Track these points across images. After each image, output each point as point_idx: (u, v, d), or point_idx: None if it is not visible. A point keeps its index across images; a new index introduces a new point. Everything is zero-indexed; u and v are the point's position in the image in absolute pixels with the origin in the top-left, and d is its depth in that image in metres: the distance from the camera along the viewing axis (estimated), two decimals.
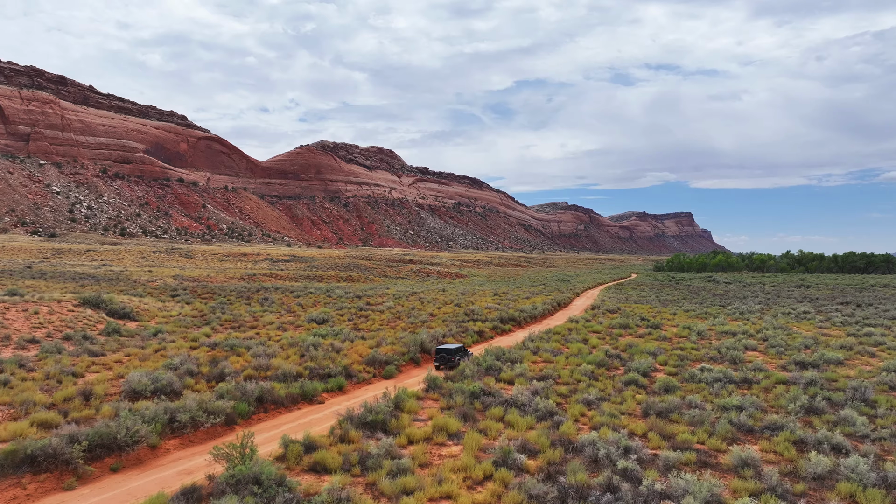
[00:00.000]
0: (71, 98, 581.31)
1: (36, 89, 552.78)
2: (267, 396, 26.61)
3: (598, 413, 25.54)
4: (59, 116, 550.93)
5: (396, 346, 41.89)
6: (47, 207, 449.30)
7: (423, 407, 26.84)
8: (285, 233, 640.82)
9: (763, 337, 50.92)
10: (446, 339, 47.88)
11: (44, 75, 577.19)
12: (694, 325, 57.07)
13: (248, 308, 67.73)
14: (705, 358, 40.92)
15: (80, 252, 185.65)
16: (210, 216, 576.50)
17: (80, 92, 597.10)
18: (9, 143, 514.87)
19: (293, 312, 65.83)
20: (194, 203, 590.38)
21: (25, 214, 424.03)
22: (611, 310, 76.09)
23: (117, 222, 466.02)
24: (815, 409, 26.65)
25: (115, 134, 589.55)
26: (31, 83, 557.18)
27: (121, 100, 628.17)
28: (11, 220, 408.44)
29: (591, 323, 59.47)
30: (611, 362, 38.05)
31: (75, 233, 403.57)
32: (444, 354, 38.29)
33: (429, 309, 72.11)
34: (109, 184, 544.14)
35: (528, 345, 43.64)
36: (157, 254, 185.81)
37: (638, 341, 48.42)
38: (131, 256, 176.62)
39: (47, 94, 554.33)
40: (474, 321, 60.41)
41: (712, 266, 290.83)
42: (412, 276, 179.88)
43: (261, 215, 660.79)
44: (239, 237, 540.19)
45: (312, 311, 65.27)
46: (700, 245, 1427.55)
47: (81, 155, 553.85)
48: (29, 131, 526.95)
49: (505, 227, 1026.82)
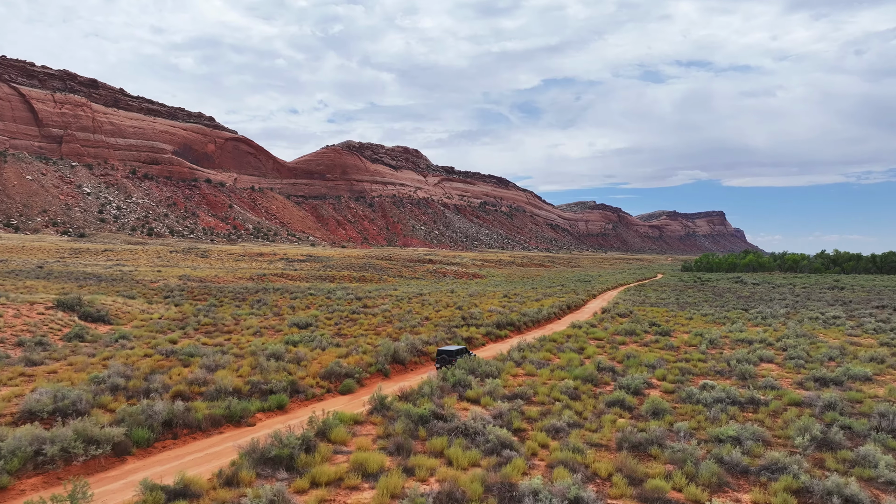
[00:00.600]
0: (102, 101, 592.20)
1: (69, 92, 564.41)
2: (179, 419, 23.01)
3: (562, 445, 21.32)
4: (91, 119, 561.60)
5: (366, 356, 38.09)
6: (78, 208, 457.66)
7: (359, 434, 22.96)
8: (310, 233, 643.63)
9: (783, 346, 45.81)
10: (428, 347, 43.95)
11: (76, 79, 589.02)
12: (707, 332, 52.10)
13: (236, 310, 64.67)
14: (711, 372, 36.20)
15: (98, 252, 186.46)
16: (236, 216, 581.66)
17: (111, 95, 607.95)
18: (42, 146, 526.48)
19: (281, 316, 62.58)
20: (221, 203, 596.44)
21: (57, 215, 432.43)
22: (622, 313, 71.21)
23: (145, 222, 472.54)
24: (830, 442, 22.02)
25: (144, 135, 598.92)
26: (64, 86, 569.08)
27: (150, 102, 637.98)
28: (43, 221, 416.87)
29: (594, 329, 54.90)
30: (600, 377, 33.65)
31: (104, 233, 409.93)
32: (445, 356, 37.63)
33: (426, 312, 68.23)
34: (138, 184, 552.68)
35: (513, 355, 39.43)
36: (174, 253, 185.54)
37: (641, 350, 43.82)
38: (147, 256, 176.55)
39: (79, 97, 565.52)
40: (468, 326, 56.32)
41: (742, 266, 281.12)
42: (428, 277, 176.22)
43: (286, 215, 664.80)
44: (264, 237, 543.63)
45: (302, 315, 61.96)
46: (732, 245, 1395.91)
47: (112, 156, 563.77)
48: (62, 134, 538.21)
49: (531, 226, 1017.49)
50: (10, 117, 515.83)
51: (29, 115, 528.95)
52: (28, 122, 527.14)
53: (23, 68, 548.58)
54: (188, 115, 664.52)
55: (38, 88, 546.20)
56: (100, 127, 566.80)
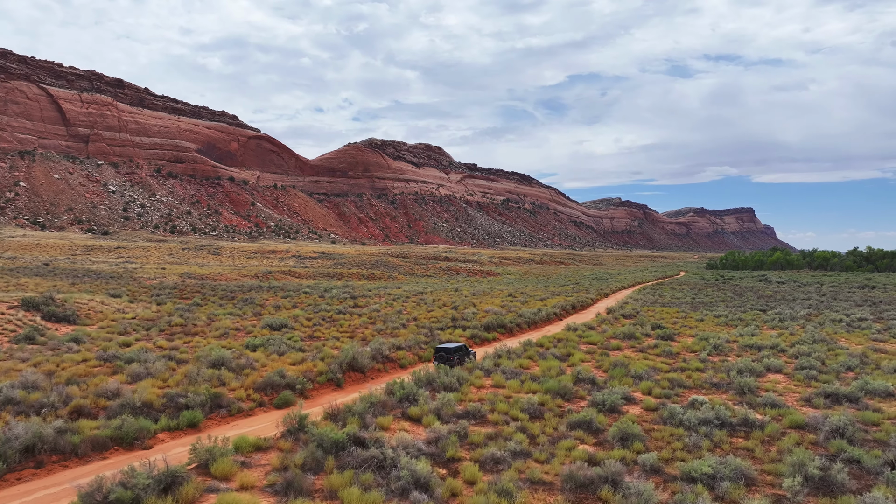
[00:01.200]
0: (128, 100, 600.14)
1: (95, 92, 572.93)
2: (47, 444, 19.57)
3: (491, 484, 17.35)
4: (117, 118, 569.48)
5: (320, 364, 34.45)
6: (103, 206, 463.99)
7: (255, 465, 19.25)
8: (332, 230, 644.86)
9: (795, 353, 41.00)
10: (397, 353, 40.15)
11: (102, 79, 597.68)
12: (713, 336, 47.40)
13: (217, 310, 61.67)
14: (706, 384, 31.77)
15: (111, 249, 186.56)
16: (259, 214, 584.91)
17: (136, 94, 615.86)
18: (70, 145, 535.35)
19: (260, 316, 59.39)
20: (244, 201, 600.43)
21: (82, 213, 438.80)
22: (627, 314, 66.58)
23: (168, 220, 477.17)
24: (830, 483, 17.67)
25: (168, 134, 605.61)
26: (90, 86, 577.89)
27: (174, 101, 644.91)
28: (69, 219, 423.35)
29: (591, 332, 50.53)
30: (575, 390, 29.48)
31: (127, 230, 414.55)
32: (443, 353, 37.07)
33: (417, 312, 64.52)
34: (162, 183, 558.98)
35: (485, 363, 35.43)
36: (187, 251, 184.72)
37: (634, 357, 39.50)
38: (159, 254, 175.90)
39: (106, 97, 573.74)
40: (455, 328, 52.43)
41: (769, 264, 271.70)
42: (440, 275, 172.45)
43: (308, 213, 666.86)
44: (286, 234, 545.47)
45: (283, 315, 58.75)
46: (762, 242, 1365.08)
47: (137, 155, 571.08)
48: (88, 133, 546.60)
49: (555, 223, 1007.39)
50: (39, 117, 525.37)
51: (57, 115, 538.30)
52: (56, 121, 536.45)
53: (51, 69, 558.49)
54: (212, 114, 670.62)
55: (65, 89, 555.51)
56: (125, 126, 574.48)
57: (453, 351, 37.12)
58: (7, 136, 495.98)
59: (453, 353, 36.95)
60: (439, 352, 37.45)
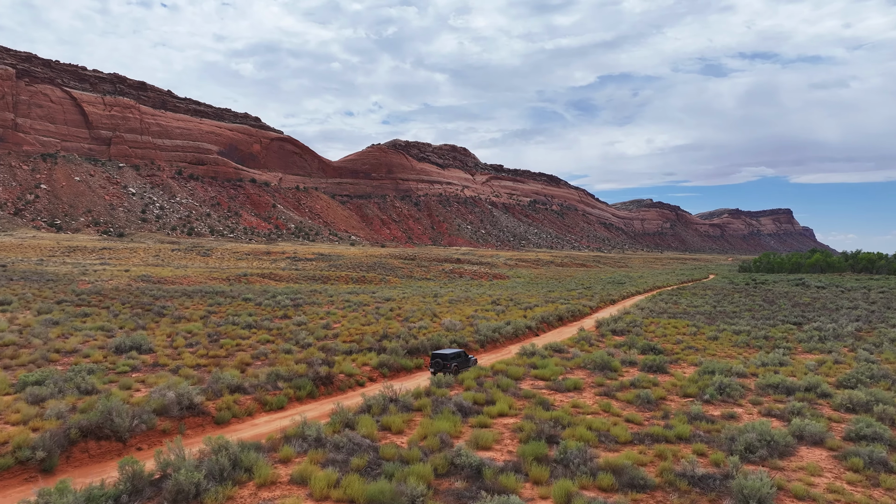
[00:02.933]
0: (150, 103, 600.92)
1: (118, 95, 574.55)
2: None
3: None
4: (139, 120, 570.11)
5: (23, 436, 21.30)
6: (122, 208, 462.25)
7: None
8: (354, 232, 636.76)
9: (846, 402, 26.51)
10: (216, 403, 26.85)
11: (125, 81, 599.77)
12: (722, 368, 33.01)
13: (94, 324, 49.22)
14: (680, 481, 17.68)
15: (94, 250, 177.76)
16: (279, 216, 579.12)
17: (158, 96, 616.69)
18: (92, 147, 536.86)
19: (145, 329, 46.76)
20: (265, 203, 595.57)
21: (100, 215, 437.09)
22: (619, 330, 52.26)
23: (186, 222, 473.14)
24: None
25: (190, 136, 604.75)
26: (114, 89, 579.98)
27: (197, 103, 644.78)
28: (86, 221, 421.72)
29: (550, 359, 36.54)
30: (427, 495, 15.82)
31: (143, 232, 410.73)
32: (440, 360, 34.93)
33: (351, 325, 51.28)
34: (183, 185, 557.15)
35: (334, 418, 21.91)
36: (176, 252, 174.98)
37: (590, 407, 25.66)
38: (143, 255, 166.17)
39: (128, 100, 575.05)
40: (370, 351, 39.04)
41: (808, 266, 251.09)
42: (440, 277, 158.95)
43: (330, 214, 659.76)
44: (305, 236, 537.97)
45: (181, 326, 46.18)
46: (800, 244, 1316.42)
47: (158, 157, 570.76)
48: (110, 135, 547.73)
49: (583, 225, 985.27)
50: (62, 120, 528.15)
51: (80, 118, 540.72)
52: (79, 124, 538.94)
53: (75, 72, 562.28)
54: (234, 116, 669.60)
55: (89, 92, 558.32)
56: (147, 128, 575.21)
57: (450, 357, 34.87)
58: (30, 139, 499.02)
59: (450, 360, 34.73)
60: (435, 358, 35.12)
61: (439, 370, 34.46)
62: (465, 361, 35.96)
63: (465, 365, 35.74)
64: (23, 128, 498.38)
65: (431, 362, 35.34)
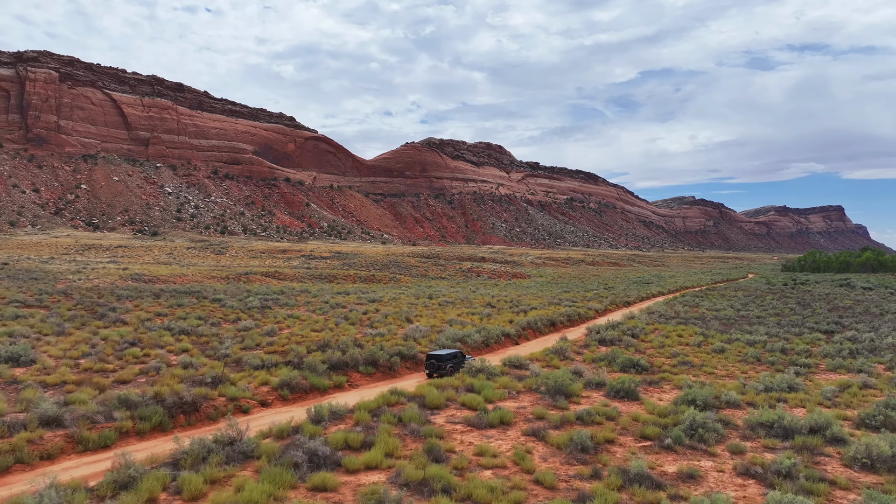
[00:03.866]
0: (187, 104, 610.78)
1: (156, 97, 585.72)
2: None
3: None
4: (176, 121, 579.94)
5: None
6: (157, 207, 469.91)
7: None
8: (387, 230, 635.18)
9: (864, 455, 18.98)
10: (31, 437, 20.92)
11: (163, 83, 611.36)
12: (706, 394, 25.57)
13: (36, 326, 44.43)
14: None
15: (109, 248, 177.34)
16: (312, 214, 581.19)
17: (195, 97, 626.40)
18: (131, 148, 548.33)
19: (64, 336, 41.66)
20: (298, 202, 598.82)
21: (136, 214, 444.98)
22: (609, 339, 44.81)
23: (220, 221, 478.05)
24: None
25: (226, 136, 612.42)
26: (152, 91, 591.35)
27: (232, 104, 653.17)
28: (122, 220, 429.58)
29: (489, 381, 29.62)
30: None
31: (177, 231, 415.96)
32: (434, 361, 33.84)
33: (305, 331, 45.26)
34: (219, 184, 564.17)
35: (108, 476, 15.65)
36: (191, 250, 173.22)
37: (494, 455, 18.83)
38: (155, 253, 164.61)
39: (166, 101, 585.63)
40: (280, 367, 32.84)
41: (857, 266, 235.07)
42: (455, 276, 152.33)
43: (364, 213, 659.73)
44: (337, 235, 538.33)
45: (122, 330, 40.97)
46: (852, 242, 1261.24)
47: (195, 157, 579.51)
48: (148, 136, 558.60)
49: (622, 223, 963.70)
50: (103, 121, 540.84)
51: (119, 120, 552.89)
52: (118, 125, 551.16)
53: (115, 75, 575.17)
54: (269, 116, 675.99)
55: (128, 94, 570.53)
56: (184, 129, 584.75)
57: (446, 358, 33.95)
58: (72, 140, 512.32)
59: (446, 361, 33.84)
60: (430, 359, 34.23)
61: (434, 372, 33.47)
62: (462, 362, 34.44)
63: (461, 366, 33.85)
64: (65, 130, 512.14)
65: (426, 364, 34.43)
